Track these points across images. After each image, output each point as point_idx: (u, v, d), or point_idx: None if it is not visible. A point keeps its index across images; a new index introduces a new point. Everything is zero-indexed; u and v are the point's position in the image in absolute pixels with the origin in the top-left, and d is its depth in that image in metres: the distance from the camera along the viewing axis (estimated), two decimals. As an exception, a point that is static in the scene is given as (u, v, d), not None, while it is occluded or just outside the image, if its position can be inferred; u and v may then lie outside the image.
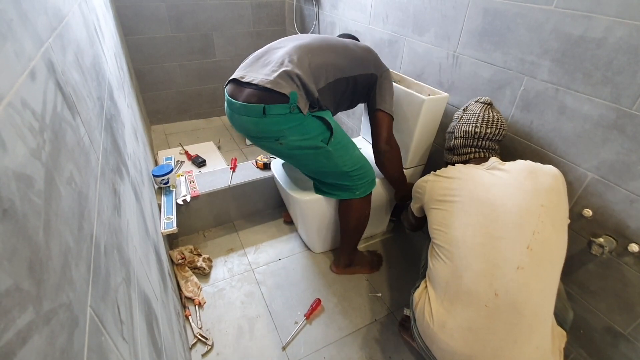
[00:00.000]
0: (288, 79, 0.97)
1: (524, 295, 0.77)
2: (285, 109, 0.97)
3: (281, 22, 2.58)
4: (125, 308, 0.50)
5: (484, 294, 0.78)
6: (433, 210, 0.95)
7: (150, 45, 2.23)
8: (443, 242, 0.88)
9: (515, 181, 0.86)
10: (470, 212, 0.86)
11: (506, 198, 0.84)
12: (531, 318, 0.76)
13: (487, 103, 1.04)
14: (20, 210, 0.28)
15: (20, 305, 0.25)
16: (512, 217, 0.81)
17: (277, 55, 1.04)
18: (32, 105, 0.35)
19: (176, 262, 1.38)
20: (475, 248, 0.82)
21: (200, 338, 1.18)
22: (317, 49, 1.08)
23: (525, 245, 0.79)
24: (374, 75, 1.18)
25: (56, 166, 0.37)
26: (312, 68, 1.02)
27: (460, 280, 0.82)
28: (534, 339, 0.76)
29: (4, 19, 0.34)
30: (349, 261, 1.43)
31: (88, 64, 0.71)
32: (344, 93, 1.15)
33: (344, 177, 1.17)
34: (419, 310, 0.89)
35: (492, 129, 1.00)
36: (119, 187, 0.69)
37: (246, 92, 1.00)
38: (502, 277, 0.78)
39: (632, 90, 0.82)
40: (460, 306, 0.80)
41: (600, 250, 0.92)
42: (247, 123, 1.02)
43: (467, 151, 1.04)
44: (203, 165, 2.04)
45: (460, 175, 0.94)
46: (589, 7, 0.86)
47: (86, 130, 0.54)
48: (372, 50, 1.22)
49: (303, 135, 1.03)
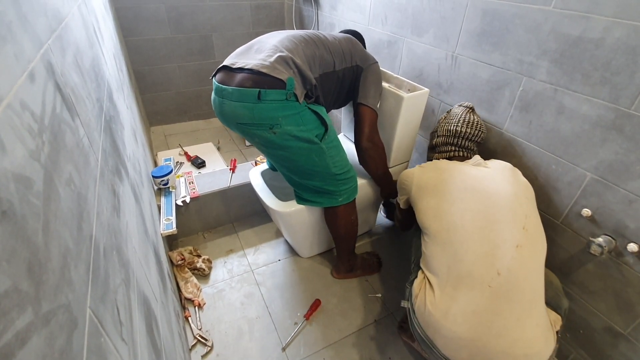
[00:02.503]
0: (285, 64, 0.94)
1: (524, 272, 0.80)
2: (282, 95, 0.93)
3: (280, 24, 2.58)
4: (124, 309, 0.50)
5: (487, 274, 0.80)
6: (424, 199, 0.97)
7: (149, 46, 2.23)
8: (438, 228, 0.90)
9: (502, 175, 0.95)
10: (466, 198, 0.90)
11: (500, 188, 0.91)
12: (531, 294, 0.80)
13: (469, 107, 1.13)
14: (19, 211, 0.28)
15: (20, 306, 0.25)
16: (506, 203, 0.88)
17: (270, 43, 1.01)
18: (31, 107, 0.35)
19: (176, 263, 1.38)
20: (475, 231, 0.85)
21: (200, 339, 1.18)
22: (309, 41, 1.06)
23: (521, 226, 0.85)
24: (359, 67, 1.15)
25: (55, 167, 0.38)
26: (307, 57, 1.01)
27: (461, 264, 0.83)
28: (534, 315, 0.79)
29: (4, 20, 0.34)
30: (349, 267, 1.41)
31: (87, 65, 0.71)
32: (329, 87, 1.12)
33: (330, 180, 1.12)
34: (419, 301, 0.89)
35: (472, 130, 1.08)
36: (118, 189, 0.69)
37: (239, 76, 0.95)
38: (503, 256, 0.81)
39: (631, 91, 0.82)
40: (464, 290, 0.81)
41: (599, 250, 0.92)
42: (239, 109, 0.96)
43: (448, 149, 1.10)
44: (202, 166, 2.04)
45: (448, 167, 0.99)
46: (587, 8, 0.86)
47: (85, 132, 0.54)
48: (357, 42, 1.19)
49: (299, 125, 0.98)
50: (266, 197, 1.29)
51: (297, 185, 1.18)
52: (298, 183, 1.17)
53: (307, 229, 1.37)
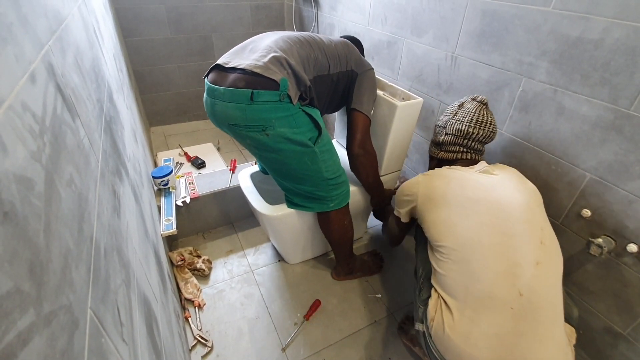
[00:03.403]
0: (278, 64, 0.92)
1: (545, 291, 0.76)
2: (275, 96, 0.91)
3: (280, 24, 2.58)
4: (125, 310, 0.51)
5: (508, 295, 0.76)
6: (433, 211, 0.90)
7: (149, 47, 2.23)
8: (453, 245, 0.83)
9: (511, 183, 0.89)
10: (480, 211, 0.83)
11: (510, 197, 0.85)
12: (552, 313, 0.76)
13: (483, 103, 1.02)
14: (21, 212, 0.28)
15: (21, 307, 0.25)
16: (520, 214, 0.82)
17: (264, 43, 1.00)
18: (32, 108, 0.35)
19: (176, 264, 1.38)
20: (492, 248, 0.79)
21: (200, 340, 1.18)
22: (303, 42, 1.04)
23: (539, 240, 0.80)
24: (354, 72, 1.13)
25: (56, 168, 0.38)
26: (302, 58, 0.99)
27: (480, 284, 0.78)
28: (556, 334, 0.75)
29: (4, 22, 0.34)
30: (348, 269, 1.40)
31: (87, 66, 0.71)
32: (325, 92, 1.10)
33: (322, 184, 1.10)
34: (436, 324, 0.83)
35: (484, 131, 0.98)
36: (119, 189, 0.69)
37: (232, 77, 0.93)
38: (523, 274, 0.76)
39: (630, 91, 0.83)
40: (485, 312, 0.77)
41: (598, 251, 0.92)
42: (231, 110, 0.95)
43: (456, 149, 1.01)
44: (202, 167, 2.04)
45: (455, 175, 0.92)
46: (586, 9, 0.86)
47: (86, 133, 0.54)
48: (352, 47, 1.16)
49: (292, 127, 0.96)
50: (254, 200, 1.26)
51: (288, 189, 1.17)
52: (289, 187, 1.15)
53: (296, 234, 1.35)
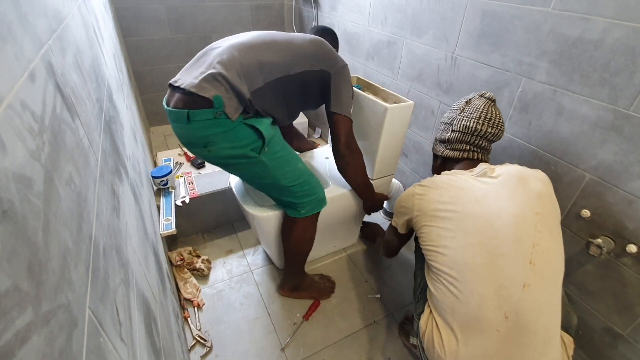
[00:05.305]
0: (213, 81, 0.91)
1: (534, 314, 0.74)
2: (210, 114, 0.91)
3: (280, 24, 2.58)
4: (123, 309, 0.50)
5: (494, 318, 0.75)
6: (426, 228, 0.88)
7: (149, 47, 2.23)
8: (442, 265, 0.83)
9: (506, 189, 0.83)
10: (468, 229, 0.80)
11: (501, 209, 0.80)
12: (544, 334, 0.75)
13: (491, 99, 0.98)
14: (20, 211, 0.28)
15: (20, 306, 0.25)
16: (509, 231, 0.77)
17: (212, 56, 0.97)
18: (31, 107, 0.35)
19: (175, 264, 1.38)
20: (478, 270, 0.78)
21: (199, 340, 1.18)
22: (252, 47, 0.99)
23: (527, 260, 0.76)
24: (326, 72, 1.08)
25: (55, 167, 0.38)
26: (243, 67, 0.95)
27: (467, 307, 0.78)
28: (549, 354, 0.75)
29: (4, 21, 0.34)
30: (294, 285, 1.34)
31: (87, 65, 0.71)
32: (291, 93, 1.06)
33: (285, 192, 1.08)
34: (427, 340, 0.84)
35: (492, 129, 0.95)
36: (118, 189, 0.69)
37: (175, 97, 0.95)
38: (509, 297, 0.75)
39: (630, 92, 0.83)
40: (472, 333, 0.77)
41: (598, 251, 0.92)
42: (177, 129, 0.98)
43: (462, 147, 0.98)
44: (202, 167, 2.04)
45: (450, 184, 0.88)
46: (586, 9, 0.86)
47: (85, 132, 0.54)
48: (323, 44, 1.11)
49: (232, 143, 0.96)
50: (243, 200, 1.25)
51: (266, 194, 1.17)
52: (263, 192, 1.15)
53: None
